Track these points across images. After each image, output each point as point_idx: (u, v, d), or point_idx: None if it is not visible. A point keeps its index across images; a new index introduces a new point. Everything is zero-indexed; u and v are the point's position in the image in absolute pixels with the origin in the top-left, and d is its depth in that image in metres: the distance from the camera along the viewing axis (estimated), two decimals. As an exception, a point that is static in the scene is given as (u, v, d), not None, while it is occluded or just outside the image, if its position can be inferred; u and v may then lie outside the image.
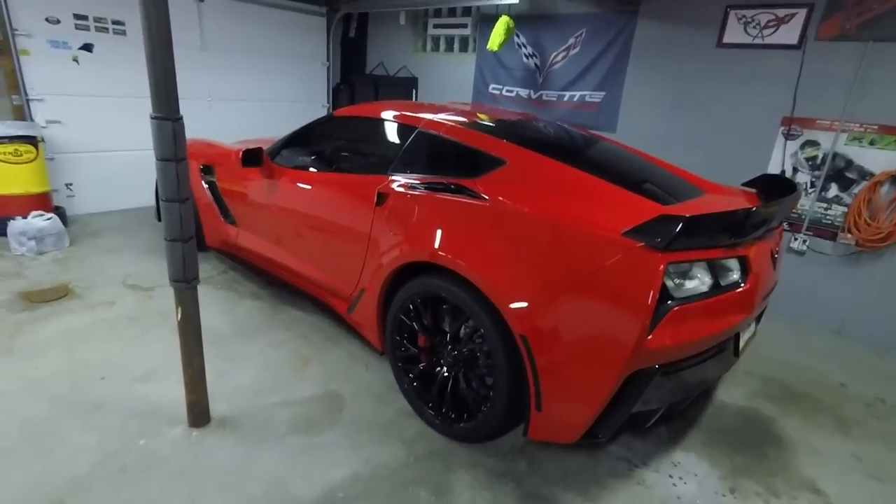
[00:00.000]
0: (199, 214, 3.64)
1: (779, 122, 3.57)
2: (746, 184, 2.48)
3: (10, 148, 3.83)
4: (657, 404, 1.84)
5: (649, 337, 1.59)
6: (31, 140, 3.94)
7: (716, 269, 1.79)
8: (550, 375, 1.75)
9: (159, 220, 4.28)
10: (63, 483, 1.77)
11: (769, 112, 3.60)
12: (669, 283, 1.65)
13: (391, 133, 2.61)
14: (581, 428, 1.76)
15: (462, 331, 2.04)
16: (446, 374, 2.13)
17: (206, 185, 3.55)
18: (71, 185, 4.60)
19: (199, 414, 2.06)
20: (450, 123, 2.39)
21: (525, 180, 2.03)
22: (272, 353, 2.69)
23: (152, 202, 4.57)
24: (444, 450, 2.08)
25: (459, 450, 2.09)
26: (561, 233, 1.74)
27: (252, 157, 2.83)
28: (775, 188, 2.29)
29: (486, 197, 1.96)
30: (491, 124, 2.55)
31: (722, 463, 2.15)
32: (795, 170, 3.58)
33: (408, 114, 2.58)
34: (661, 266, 1.58)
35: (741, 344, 2.08)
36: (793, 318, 3.59)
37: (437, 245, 2.01)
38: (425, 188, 2.17)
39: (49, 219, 3.80)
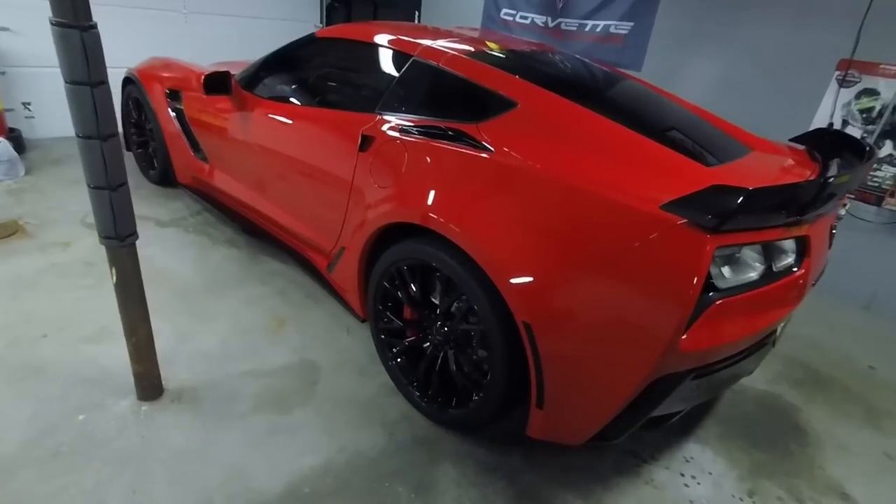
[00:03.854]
0: (167, 146, 3.24)
1: (834, 65, 3.08)
2: (796, 140, 2.08)
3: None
4: (681, 406, 1.57)
5: (684, 337, 1.28)
6: (-26, 51, 3.46)
7: (770, 253, 1.46)
8: (556, 372, 1.45)
9: (128, 149, 3.90)
10: (-16, 467, 1.53)
11: (825, 54, 3.09)
12: (714, 271, 1.31)
13: (382, 61, 2.16)
14: (588, 432, 1.50)
15: (454, 306, 1.73)
16: (436, 352, 1.84)
17: (173, 113, 3.11)
18: (29, 104, 4.13)
19: (148, 386, 1.80)
20: (451, 52, 1.95)
21: (539, 128, 1.64)
22: (245, 312, 2.40)
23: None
24: (430, 436, 1.84)
25: (447, 437, 1.84)
26: (581, 199, 1.38)
27: (217, 83, 2.39)
28: (832, 146, 1.90)
29: (491, 147, 1.58)
30: (501, 56, 2.10)
31: (740, 460, 1.92)
32: (845, 122, 3.13)
33: (402, 38, 2.12)
34: (710, 250, 1.23)
35: (779, 331, 1.79)
36: (819, 288, 3.27)
37: (426, 204, 1.65)
38: (418, 132, 1.78)
39: (-1, 143, 3.39)
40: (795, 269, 1.52)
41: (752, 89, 3.40)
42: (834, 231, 1.83)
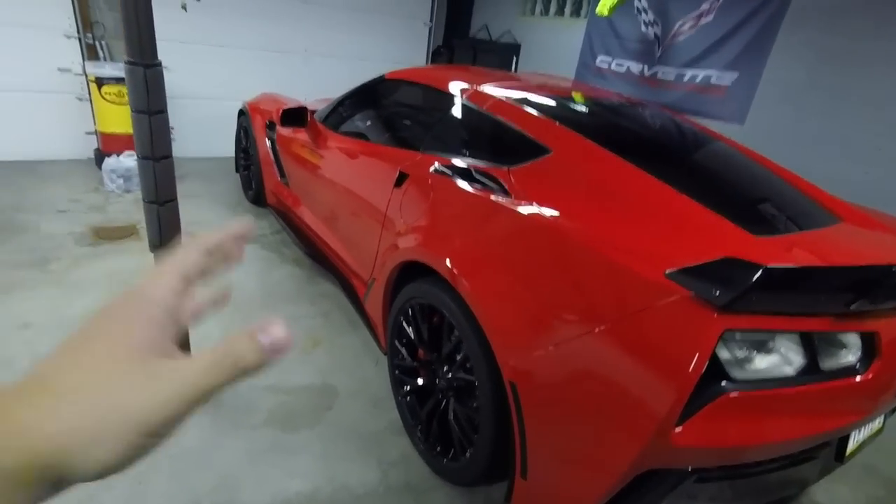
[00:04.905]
0: (261, 171, 3.61)
1: None
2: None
3: (115, 89, 4.09)
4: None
5: (677, 429, 1.10)
6: (135, 83, 4.18)
7: (814, 346, 1.21)
8: (540, 441, 1.33)
9: (237, 170, 4.42)
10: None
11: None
12: (726, 356, 1.12)
13: (436, 103, 2.23)
14: (573, 517, 1.33)
15: (457, 355, 1.67)
16: (439, 397, 1.78)
17: (268, 142, 3.47)
18: (173, 128, 4.88)
19: (179, 385, 1.96)
20: (499, 97, 1.95)
21: (568, 178, 1.56)
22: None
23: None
24: (423, 486, 1.76)
25: (440, 490, 1.75)
26: (585, 257, 1.27)
27: (293, 116, 2.64)
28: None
29: (511, 194, 1.53)
30: (553, 102, 2.06)
31: None
32: None
33: (458, 82, 2.18)
34: (716, 330, 1.06)
35: (851, 446, 1.46)
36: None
37: (439, 248, 1.64)
38: (447, 172, 1.79)
39: (138, 159, 4.02)
40: (862, 372, 1.24)
41: (877, 155, 2.93)
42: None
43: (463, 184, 1.69)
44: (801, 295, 1.13)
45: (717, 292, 1.04)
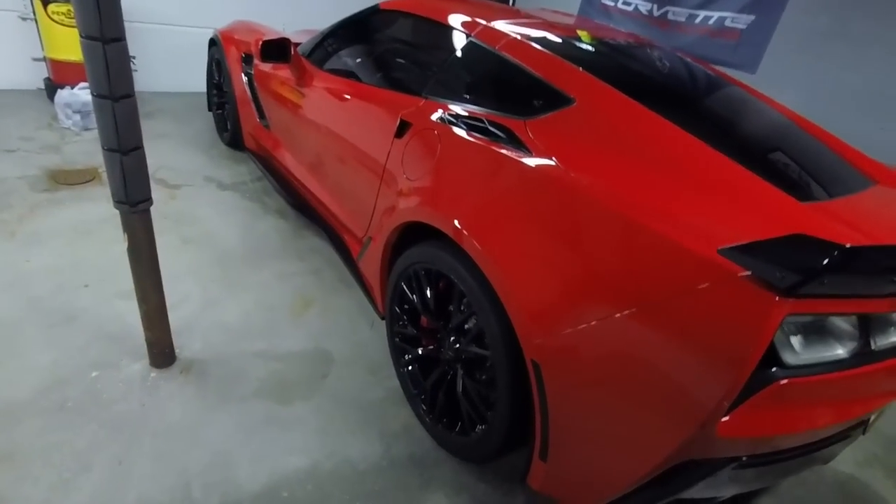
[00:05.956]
0: (237, 111, 3.28)
1: None
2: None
3: (64, 8, 3.58)
4: (724, 493, 1.28)
5: (725, 418, 1.00)
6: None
7: (869, 327, 1.11)
8: (564, 425, 1.22)
9: (209, 109, 4.04)
10: (-4, 409, 1.59)
11: None
12: (781, 341, 1.01)
13: (439, 39, 1.97)
14: (597, 501, 1.25)
15: (468, 325, 1.54)
16: (446, 368, 1.66)
17: (244, 78, 3.13)
18: (134, 58, 4.39)
19: (158, 354, 1.79)
20: (513, 35, 1.71)
21: (595, 132, 1.37)
22: (275, 287, 2.36)
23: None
24: (428, 459, 1.68)
25: (447, 463, 1.67)
26: (623, 228, 1.11)
27: (275, 50, 2.32)
28: None
29: (531, 149, 1.35)
30: (574, 44, 1.83)
31: (796, 562, 1.58)
32: None
33: (464, 16, 1.91)
34: (778, 316, 0.93)
35: (873, 418, 1.41)
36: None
37: (449, 209, 1.45)
38: (456, 123, 1.57)
39: (97, 94, 3.61)
40: (909, 350, 1.15)
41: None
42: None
43: (475, 137, 1.49)
44: (870, 275, 1.01)
45: (782, 275, 0.91)
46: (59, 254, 2.32)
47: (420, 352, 1.76)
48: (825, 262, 0.90)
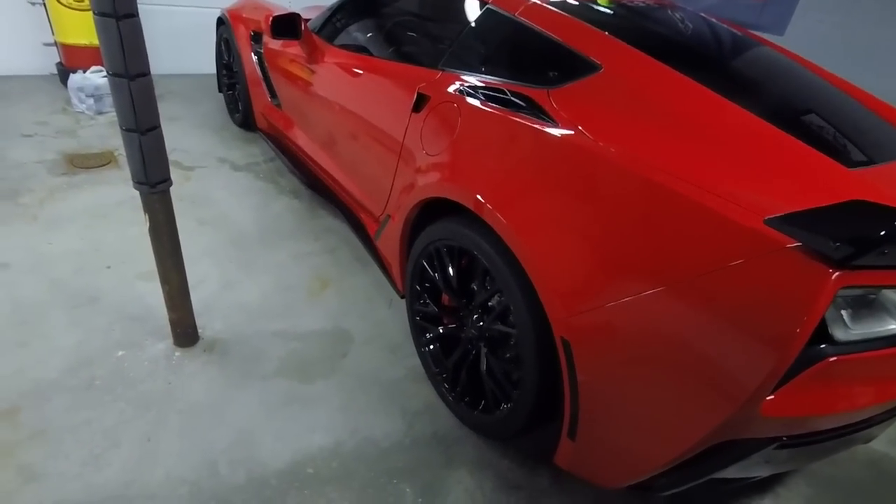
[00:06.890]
0: (248, 91, 3.24)
1: None
2: None
3: (72, -8, 3.55)
4: (760, 473, 1.25)
5: (770, 397, 0.96)
6: (94, -15, 3.64)
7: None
8: (594, 404, 1.20)
9: (219, 90, 4.00)
10: (26, 388, 1.61)
11: None
12: (833, 317, 0.96)
13: (454, 8, 1.90)
14: (625, 481, 1.24)
15: (491, 302, 1.51)
16: (469, 346, 1.64)
17: (254, 57, 3.08)
18: (142, 40, 4.36)
19: (182, 333, 1.80)
20: (535, 1, 1.63)
21: (625, 100, 1.31)
22: (292, 268, 2.36)
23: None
24: (451, 436, 1.67)
25: (469, 440, 1.67)
26: (661, 198, 1.06)
27: (284, 26, 2.27)
28: None
29: (557, 120, 1.29)
30: (595, 8, 1.75)
31: (826, 537, 1.56)
32: None
33: (482, -20, 1.83)
34: (831, 289, 0.89)
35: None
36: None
37: (472, 183, 1.41)
38: (477, 95, 1.52)
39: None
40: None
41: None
42: None
43: (496, 108, 1.43)
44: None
45: (837, 244, 0.86)
46: (79, 236, 2.33)
47: (441, 330, 1.74)
48: (884, 231, 0.85)
